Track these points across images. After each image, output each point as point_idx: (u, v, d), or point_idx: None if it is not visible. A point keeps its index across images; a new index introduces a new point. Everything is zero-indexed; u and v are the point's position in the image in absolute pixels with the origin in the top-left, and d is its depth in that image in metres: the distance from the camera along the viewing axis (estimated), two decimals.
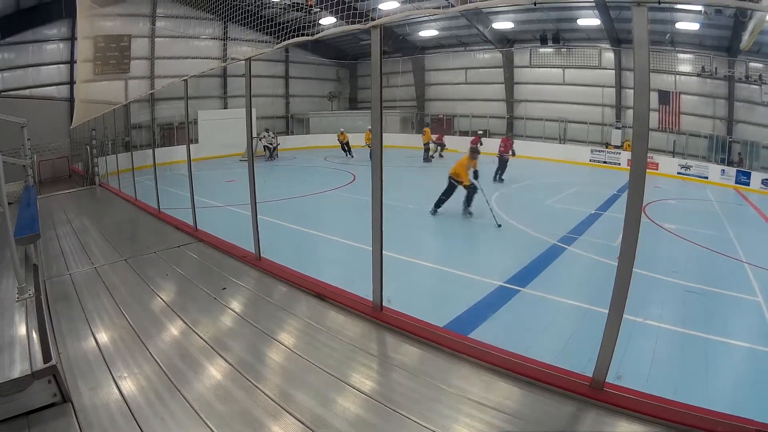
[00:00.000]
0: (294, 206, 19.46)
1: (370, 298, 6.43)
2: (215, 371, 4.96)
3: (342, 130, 34.99)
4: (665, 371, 7.94)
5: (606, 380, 4.49)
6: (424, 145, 34.91)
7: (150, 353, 5.32)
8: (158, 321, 6.31)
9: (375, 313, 6.21)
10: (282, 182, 26.41)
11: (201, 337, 5.71)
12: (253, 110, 28.28)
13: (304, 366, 5.07)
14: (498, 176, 26.41)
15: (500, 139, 27.74)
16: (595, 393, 4.44)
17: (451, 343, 5.41)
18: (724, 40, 33.44)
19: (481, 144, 30.62)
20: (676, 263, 13.00)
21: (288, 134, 45.51)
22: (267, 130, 36.51)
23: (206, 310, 6.63)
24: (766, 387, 7.95)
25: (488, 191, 18.68)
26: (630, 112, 37.76)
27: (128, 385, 4.70)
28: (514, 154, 26.92)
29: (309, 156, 37.90)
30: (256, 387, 4.64)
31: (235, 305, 6.91)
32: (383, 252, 6.23)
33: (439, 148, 36.07)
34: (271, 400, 4.43)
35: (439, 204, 17.02)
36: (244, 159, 30.98)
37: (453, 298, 10.11)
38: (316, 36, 6.94)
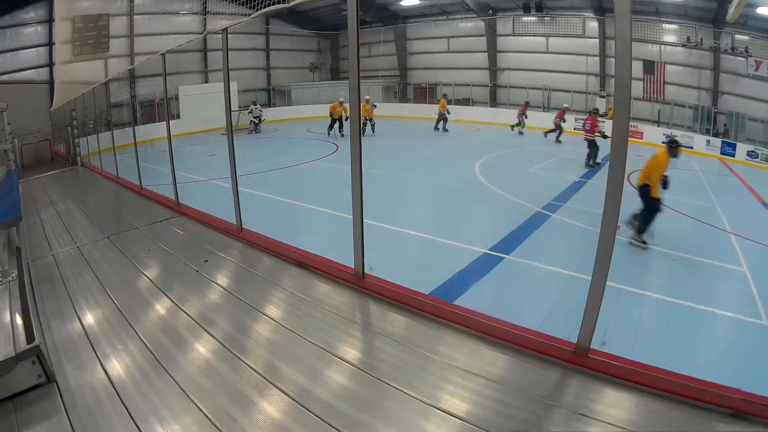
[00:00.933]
0: (278, 178, 19.52)
1: (353, 267, 6.42)
2: (201, 347, 4.95)
3: (342, 100, 31.30)
4: (652, 339, 8.03)
5: (590, 347, 4.51)
6: (440, 114, 34.48)
7: (135, 331, 5.30)
8: (143, 298, 6.28)
9: (357, 281, 6.22)
10: (265, 154, 26.47)
11: (187, 313, 5.69)
12: (234, 83, 27.88)
13: (289, 338, 5.07)
14: (593, 160, 23.80)
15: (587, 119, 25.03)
16: (579, 359, 4.46)
17: (436, 310, 5.42)
18: (710, 11, 33.46)
19: (564, 121, 30.85)
20: (657, 230, 13.02)
21: (270, 106, 45.10)
22: (254, 103, 36.28)
23: (191, 285, 6.62)
24: (751, 356, 8.01)
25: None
26: (614, 81, 37.92)
27: (113, 365, 4.68)
28: (605, 137, 23.49)
29: (291, 128, 37.87)
30: (243, 361, 4.63)
31: (219, 278, 6.90)
32: (364, 220, 6.24)
33: (558, 131, 32.43)
34: (258, 374, 4.42)
35: (642, 229, 13.13)
36: (225, 133, 30.98)
37: (437, 266, 10.17)
38: (291, 3, 6.86)
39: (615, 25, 3.99)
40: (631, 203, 12.51)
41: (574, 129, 34.20)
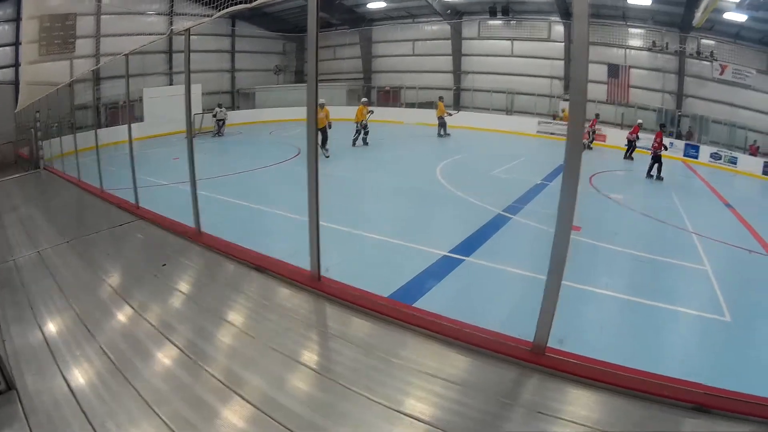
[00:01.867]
0: (240, 181, 19.39)
1: (309, 268, 6.37)
2: (162, 355, 4.87)
3: (365, 100, 29.92)
4: (614, 338, 8.14)
5: (548, 345, 4.52)
6: (439, 119, 34.10)
7: (95, 338, 5.22)
8: (102, 304, 6.19)
9: (314, 283, 6.17)
10: (228, 158, 26.40)
11: (147, 320, 5.60)
12: (198, 86, 27.65)
13: (250, 344, 5.02)
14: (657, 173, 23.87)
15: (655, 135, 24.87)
16: (536, 358, 4.48)
17: (397, 313, 5.39)
18: (677, 16, 33.94)
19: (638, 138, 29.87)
20: (621, 232, 13.11)
21: (234, 109, 44.69)
22: (220, 105, 35.97)
23: (150, 290, 6.52)
24: (715, 352, 8.18)
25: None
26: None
27: (73, 372, 4.62)
28: (666, 149, 24.36)
29: (255, 131, 37.66)
30: (203, 368, 4.56)
31: (178, 283, 6.82)
32: (320, 222, 6.20)
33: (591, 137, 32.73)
34: (219, 381, 4.36)
35: None
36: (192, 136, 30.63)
37: (398, 268, 10.16)
38: (253, 4, 6.81)
39: (573, 28, 4.04)
40: (587, 204, 12.63)
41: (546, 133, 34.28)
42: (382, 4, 42.75)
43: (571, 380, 4.24)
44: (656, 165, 23.54)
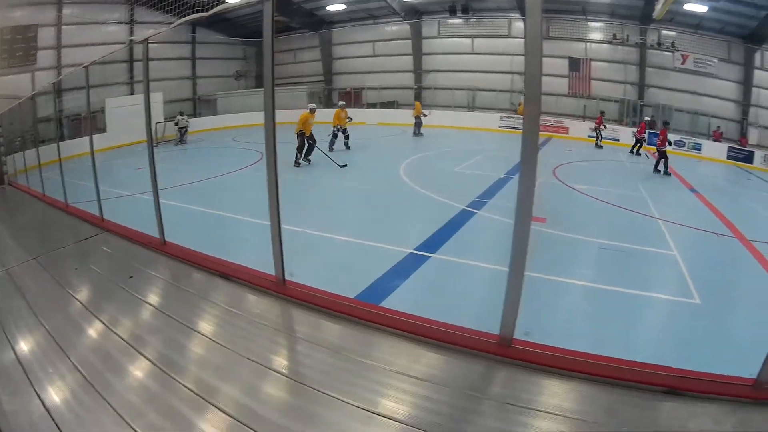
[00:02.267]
0: (203, 189, 19.11)
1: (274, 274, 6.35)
2: (136, 370, 4.81)
3: (342, 103, 29.29)
4: (584, 326, 8.18)
5: (514, 337, 4.54)
6: (415, 118, 34.13)
7: (67, 356, 5.14)
8: (73, 321, 6.10)
9: (279, 288, 6.16)
10: (190, 166, 26.00)
11: (118, 335, 5.52)
12: (160, 94, 27.36)
13: (222, 353, 4.97)
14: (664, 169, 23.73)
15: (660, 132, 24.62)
16: (503, 350, 4.51)
17: (365, 314, 5.40)
18: (637, 9, 34.71)
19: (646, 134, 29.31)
20: (587, 221, 13.21)
21: (195, 116, 44.25)
22: (181, 113, 35.53)
23: (120, 305, 6.43)
24: (686, 335, 8.24)
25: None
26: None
27: (48, 390, 4.57)
28: (670, 144, 24.08)
29: (217, 137, 37.20)
30: (177, 381, 4.52)
31: (146, 296, 6.73)
32: (283, 226, 6.17)
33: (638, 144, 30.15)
34: (194, 393, 4.32)
35: None
36: (154, 145, 30.19)
37: (364, 268, 10.09)
38: (210, 12, 6.80)
39: (525, 22, 4.13)
40: (552, 196, 12.69)
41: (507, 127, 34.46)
42: (342, 6, 42.65)
43: (539, 371, 4.29)
44: (662, 161, 23.63)
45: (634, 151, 29.91)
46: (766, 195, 22.78)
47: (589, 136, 34.06)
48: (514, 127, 36.40)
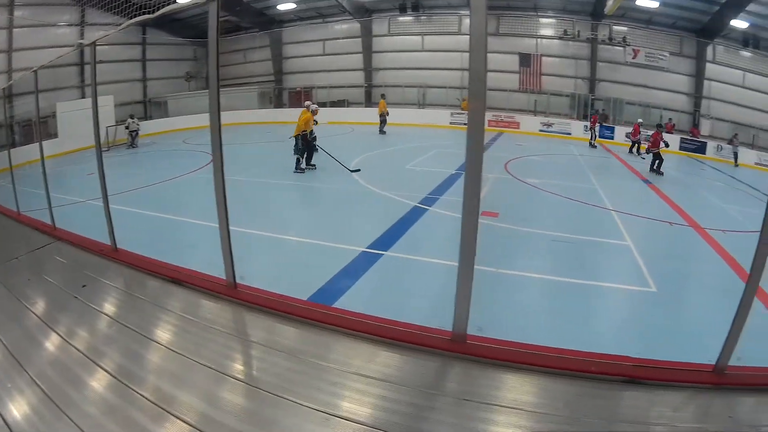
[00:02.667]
0: (155, 193, 18.75)
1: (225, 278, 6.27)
2: (95, 382, 4.72)
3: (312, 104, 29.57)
4: (541, 320, 8.19)
5: (468, 333, 4.54)
6: (380, 116, 34.23)
7: (26, 371, 5.03)
8: (30, 335, 5.96)
9: (230, 292, 6.09)
10: (142, 169, 25.46)
11: (76, 348, 5.39)
12: (111, 97, 26.91)
13: (179, 361, 4.90)
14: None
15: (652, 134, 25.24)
16: (457, 346, 4.50)
17: (318, 315, 5.37)
18: (588, 5, 35.44)
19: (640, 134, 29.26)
20: (541, 215, 13.28)
21: (146, 119, 43.63)
22: (132, 116, 34.80)
23: (75, 316, 6.29)
24: (644, 323, 8.35)
25: None
26: (490, 75, 38.84)
27: (8, 405, 4.46)
28: (667, 145, 24.78)
29: (169, 140, 36.61)
30: (136, 392, 4.43)
31: (101, 305, 6.56)
32: (233, 228, 6.09)
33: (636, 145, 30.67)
34: (153, 404, 4.25)
35: None
36: (105, 149, 29.69)
37: (317, 269, 9.99)
38: (156, 14, 6.69)
39: (470, 20, 4.11)
40: (504, 190, 12.73)
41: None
42: (292, 5, 42.39)
43: (495, 365, 4.29)
44: (657, 161, 24.04)
45: (634, 151, 30.01)
46: (719, 184, 23.15)
47: (585, 134, 34.10)
48: (464, 123, 36.31)
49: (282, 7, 42.63)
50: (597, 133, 33.30)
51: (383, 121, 34.20)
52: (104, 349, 5.31)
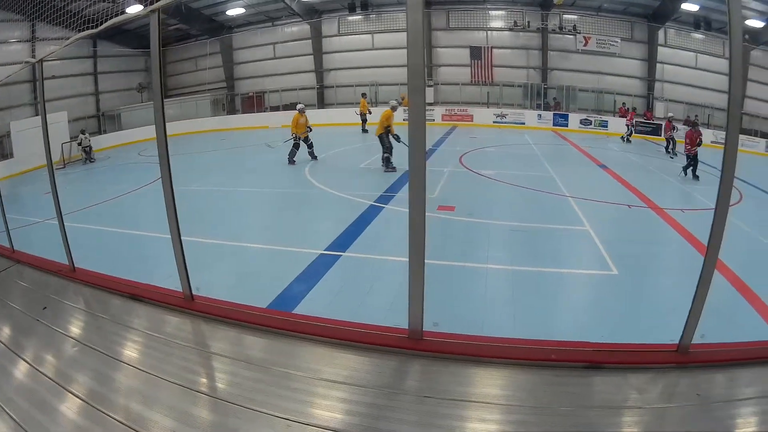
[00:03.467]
0: (112, 208, 18.48)
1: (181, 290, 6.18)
2: (66, 408, 4.58)
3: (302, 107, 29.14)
4: (501, 311, 8.10)
5: (424, 329, 4.53)
6: (360, 115, 34.26)
7: None
8: None
9: (187, 304, 6.02)
10: (98, 185, 25.13)
11: (44, 374, 5.23)
12: (64, 113, 26.48)
13: (147, 380, 4.79)
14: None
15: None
16: (414, 344, 4.49)
17: (277, 322, 5.32)
18: None
19: (677, 130, 27.35)
20: (498, 206, 13.29)
21: (100, 133, 43.20)
22: (83, 132, 34.33)
23: (40, 340, 6.09)
24: (605, 308, 8.44)
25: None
26: (441, 69, 39.08)
27: None
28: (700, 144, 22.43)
29: (124, 153, 35.89)
30: (108, 416, 4.32)
31: (62, 326, 6.39)
32: (184, 238, 6.00)
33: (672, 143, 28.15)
34: (126, 426, 4.15)
35: None
36: (60, 166, 29.28)
37: (276, 274, 9.90)
38: (99, 28, 6.56)
39: (407, 15, 4.28)
40: (460, 183, 12.68)
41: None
42: (241, 10, 42.17)
43: (454, 360, 4.28)
44: (692, 166, 22.85)
45: (670, 149, 27.46)
46: (677, 164, 23.18)
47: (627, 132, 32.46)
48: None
49: (231, 12, 42.41)
50: (634, 129, 32.42)
51: (364, 120, 34.08)
52: (71, 372, 5.20)
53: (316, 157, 23.45)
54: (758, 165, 25.75)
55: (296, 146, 22.91)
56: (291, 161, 22.58)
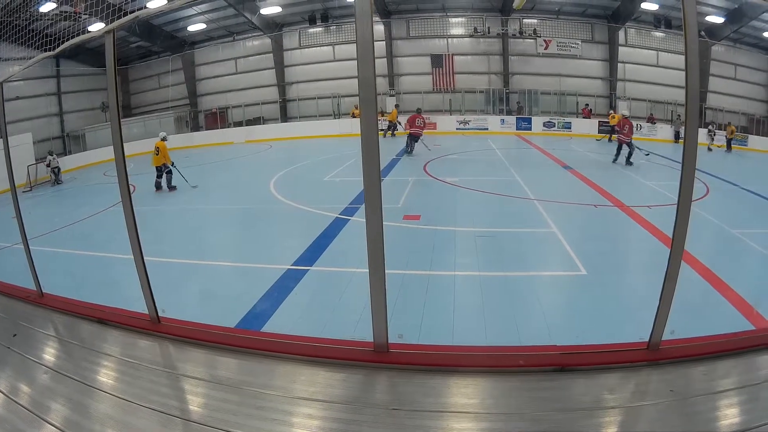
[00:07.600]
0: (79, 230, 18.12)
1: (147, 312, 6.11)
2: None
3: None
4: (470, 319, 8.03)
5: (389, 341, 4.52)
6: (389, 123, 34.30)
7: None
8: None
9: (154, 327, 5.95)
10: (66, 207, 24.87)
11: (19, 404, 5.06)
12: (29, 134, 26.07)
13: (124, 407, 4.67)
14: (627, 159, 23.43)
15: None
16: (380, 357, 4.48)
17: (245, 341, 5.30)
18: (497, 1, 36.40)
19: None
20: (463, 212, 13.30)
21: (66, 154, 42.73)
22: (51, 153, 33.92)
23: (13, 370, 5.92)
24: (575, 309, 8.53)
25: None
26: (403, 79, 39.26)
27: None
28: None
29: (90, 173, 35.59)
30: None
31: (34, 354, 6.25)
32: (148, 259, 5.94)
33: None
34: None
35: None
36: (26, 189, 28.95)
37: (243, 292, 9.79)
38: (57, 50, 6.48)
39: (356, 26, 4.32)
40: (424, 192, 12.66)
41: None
42: (202, 26, 42.06)
43: (421, 371, 4.28)
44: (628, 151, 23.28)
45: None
46: (642, 162, 23.36)
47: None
48: (381, 129, 36.77)
49: (192, 28, 42.22)
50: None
51: (393, 127, 34.13)
52: (46, 401, 5.08)
53: (175, 187, 22.12)
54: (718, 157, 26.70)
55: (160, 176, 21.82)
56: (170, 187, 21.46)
